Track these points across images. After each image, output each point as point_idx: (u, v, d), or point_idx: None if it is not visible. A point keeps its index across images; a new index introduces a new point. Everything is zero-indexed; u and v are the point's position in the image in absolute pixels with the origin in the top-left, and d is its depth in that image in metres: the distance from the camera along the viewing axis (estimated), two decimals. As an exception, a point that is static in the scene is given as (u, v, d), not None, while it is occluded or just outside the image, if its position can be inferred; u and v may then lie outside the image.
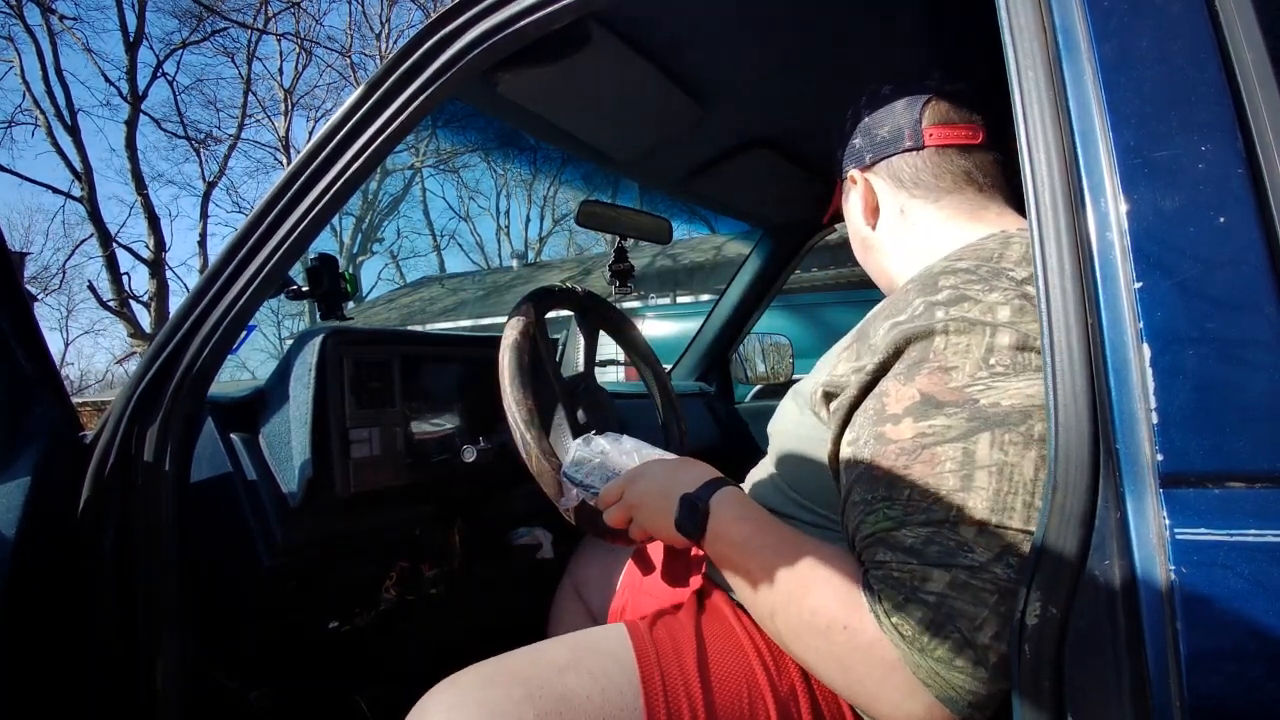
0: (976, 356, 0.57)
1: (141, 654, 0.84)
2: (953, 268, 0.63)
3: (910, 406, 0.58)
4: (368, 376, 1.08)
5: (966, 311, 0.59)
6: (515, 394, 0.95)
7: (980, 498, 0.53)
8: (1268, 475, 0.43)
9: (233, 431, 1.02)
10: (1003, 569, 0.52)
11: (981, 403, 0.55)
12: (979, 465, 0.54)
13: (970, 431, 0.55)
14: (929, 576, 0.53)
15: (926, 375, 0.58)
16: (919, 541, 0.54)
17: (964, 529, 0.53)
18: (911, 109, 0.79)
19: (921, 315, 0.60)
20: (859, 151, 0.82)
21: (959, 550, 0.53)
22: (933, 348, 0.59)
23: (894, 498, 0.56)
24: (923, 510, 0.55)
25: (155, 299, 13.63)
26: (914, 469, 0.56)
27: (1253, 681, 0.41)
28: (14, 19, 12.40)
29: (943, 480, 0.55)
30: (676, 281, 12.40)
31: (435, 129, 1.42)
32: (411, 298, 17.64)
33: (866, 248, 0.85)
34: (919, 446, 0.56)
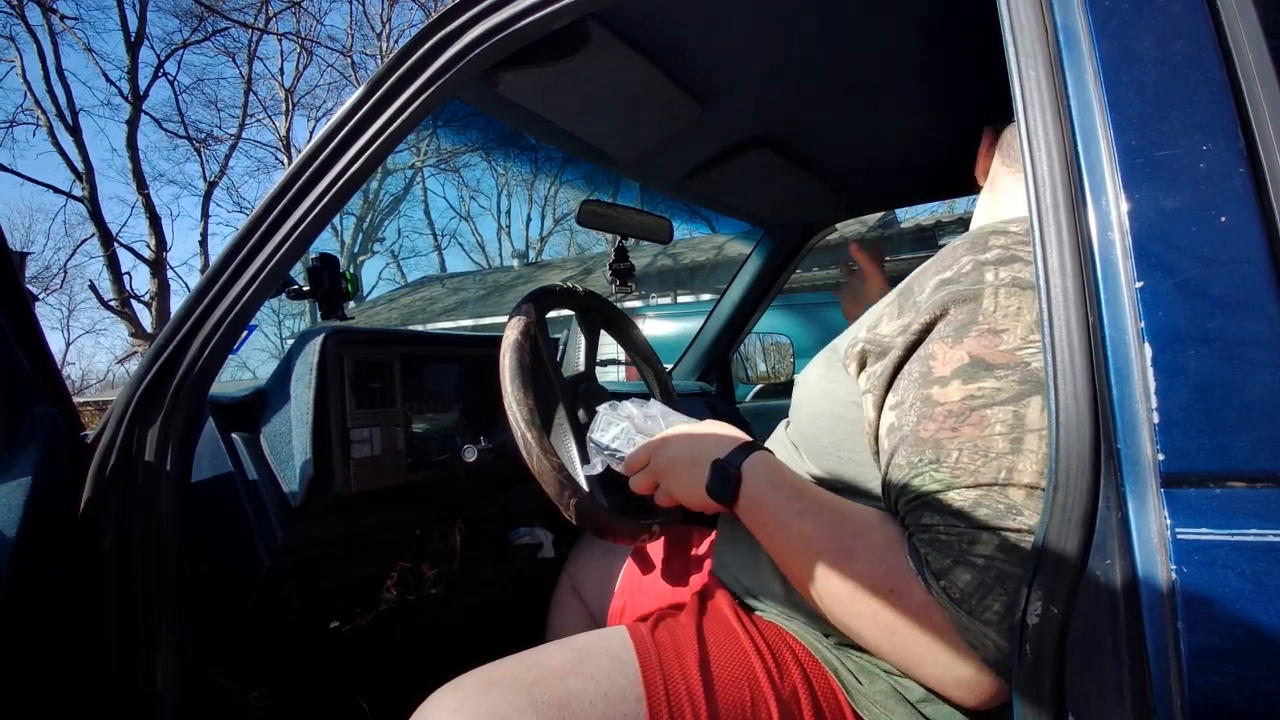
0: (1029, 320, 0.56)
1: (141, 654, 0.84)
2: (1004, 228, 0.62)
3: (959, 369, 0.57)
4: (368, 376, 1.08)
5: (1018, 273, 0.58)
6: (516, 394, 0.95)
7: (1030, 460, 0.53)
8: (1269, 475, 0.43)
9: (234, 431, 1.02)
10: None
11: (1033, 365, 0.55)
12: (1030, 428, 0.54)
13: (1021, 395, 0.54)
14: (977, 539, 0.53)
15: (976, 337, 0.57)
16: (968, 504, 0.54)
17: (1013, 491, 0.53)
18: None
19: (970, 274, 0.59)
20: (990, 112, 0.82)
21: (1008, 513, 0.52)
22: (982, 310, 0.58)
23: (941, 460, 0.56)
24: (971, 473, 0.54)
25: (156, 299, 13.64)
26: (963, 431, 0.56)
27: (1253, 681, 0.41)
28: (15, 19, 12.41)
29: (992, 443, 0.54)
30: (677, 281, 12.41)
31: (436, 128, 1.43)
32: (412, 297, 17.65)
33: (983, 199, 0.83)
34: (968, 409, 0.56)
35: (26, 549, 0.76)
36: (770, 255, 1.90)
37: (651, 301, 10.53)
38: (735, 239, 8.94)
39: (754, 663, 0.70)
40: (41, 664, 0.79)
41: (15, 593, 0.75)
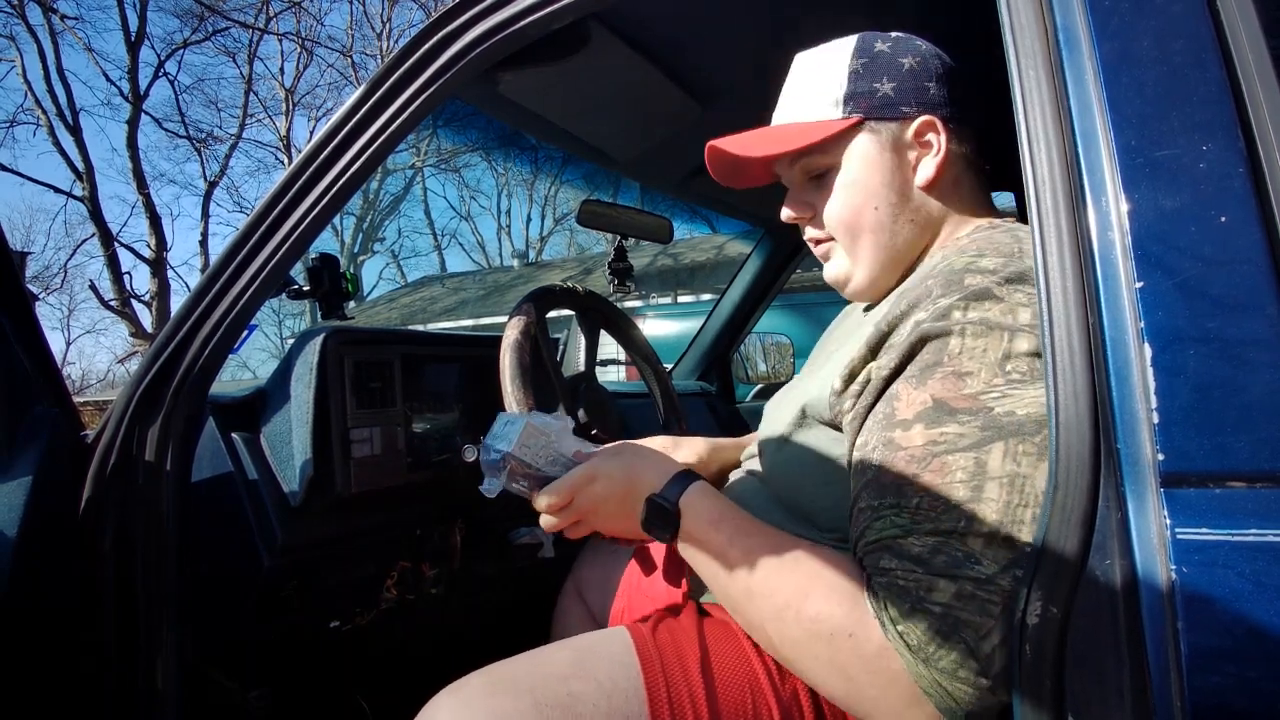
0: (993, 362, 0.55)
1: (142, 653, 0.84)
2: (976, 265, 0.60)
3: (922, 412, 0.57)
4: (369, 376, 1.08)
5: (987, 311, 0.57)
6: (515, 393, 0.95)
7: (990, 509, 0.52)
8: (1269, 475, 0.43)
9: (234, 431, 1.02)
10: (1010, 581, 0.51)
11: (996, 411, 0.54)
12: (990, 476, 0.53)
13: (983, 441, 0.54)
14: (935, 586, 0.52)
15: (940, 380, 0.57)
16: (926, 551, 0.53)
17: (972, 540, 0.52)
18: (968, 82, 0.74)
19: (941, 314, 0.58)
20: (937, 100, 0.71)
21: (966, 561, 0.52)
22: (948, 350, 0.57)
23: (902, 505, 0.55)
24: (931, 519, 0.54)
25: (157, 298, 13.64)
26: (924, 477, 0.55)
27: (1253, 681, 0.41)
28: (15, 18, 12.42)
29: (953, 490, 0.54)
30: (677, 281, 12.41)
31: (436, 128, 1.43)
32: (412, 297, 17.65)
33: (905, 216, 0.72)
34: (929, 455, 0.55)
35: (26, 549, 0.76)
36: (770, 255, 1.90)
37: (651, 301, 10.53)
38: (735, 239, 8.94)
39: (754, 664, 0.69)
40: (41, 664, 0.79)
41: (15, 593, 0.75)
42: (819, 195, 0.75)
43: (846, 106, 0.72)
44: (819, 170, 0.74)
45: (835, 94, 0.72)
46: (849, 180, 0.72)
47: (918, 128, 0.71)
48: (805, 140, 0.71)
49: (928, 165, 0.71)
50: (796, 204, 0.77)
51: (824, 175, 0.74)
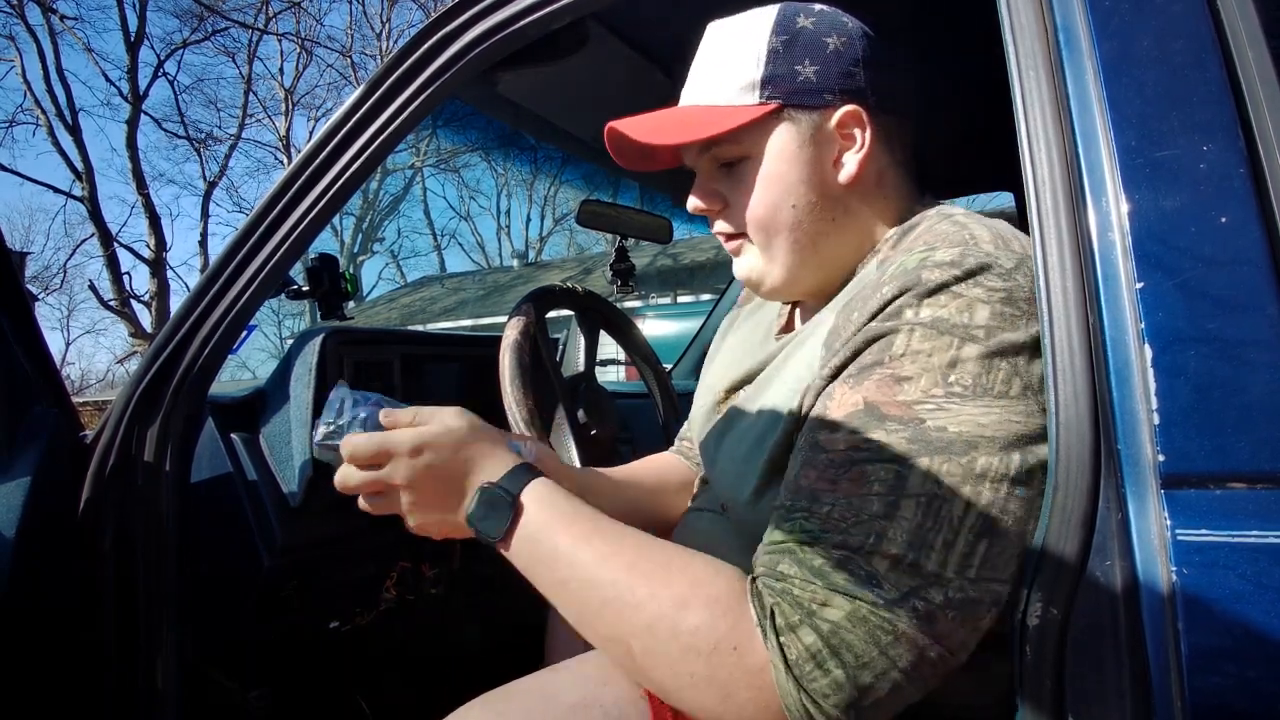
0: (935, 368, 0.51)
1: (141, 653, 0.84)
2: (931, 260, 0.55)
3: (852, 414, 0.53)
4: (368, 376, 1.08)
5: (941, 309, 0.53)
6: (515, 394, 0.95)
7: (901, 529, 0.49)
8: (1269, 476, 0.43)
9: (233, 431, 1.02)
10: (907, 612, 0.48)
11: (927, 424, 0.51)
12: (908, 493, 0.50)
13: (907, 454, 0.50)
14: (830, 602, 0.49)
15: (876, 382, 0.53)
16: (830, 563, 0.50)
17: (877, 560, 0.49)
18: (897, 65, 0.69)
19: (892, 312, 0.54)
20: (861, 86, 0.65)
21: (867, 582, 0.49)
22: (891, 350, 0.53)
23: (813, 510, 0.52)
24: (840, 530, 0.50)
25: (156, 298, 13.64)
26: (840, 484, 0.52)
27: (1254, 683, 0.41)
28: (15, 18, 12.42)
29: (867, 503, 0.50)
30: (677, 281, 12.41)
31: (436, 128, 1.43)
32: (412, 297, 17.65)
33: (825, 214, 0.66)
34: (849, 461, 0.52)
35: (26, 549, 0.76)
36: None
37: (651, 301, 10.53)
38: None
39: None
40: (41, 664, 0.79)
41: (15, 593, 0.75)
42: (730, 186, 0.69)
43: (763, 91, 0.65)
44: (730, 159, 0.68)
45: (751, 75, 0.65)
46: (764, 174, 0.66)
47: (841, 118, 0.64)
48: (715, 128, 0.64)
49: (851, 161, 0.65)
50: (706, 194, 0.70)
51: (735, 165, 0.68)
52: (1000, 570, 0.50)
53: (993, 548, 0.49)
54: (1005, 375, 0.51)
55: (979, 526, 0.49)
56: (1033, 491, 0.51)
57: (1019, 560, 0.50)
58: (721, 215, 0.71)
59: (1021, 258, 0.55)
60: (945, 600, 0.48)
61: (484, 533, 0.60)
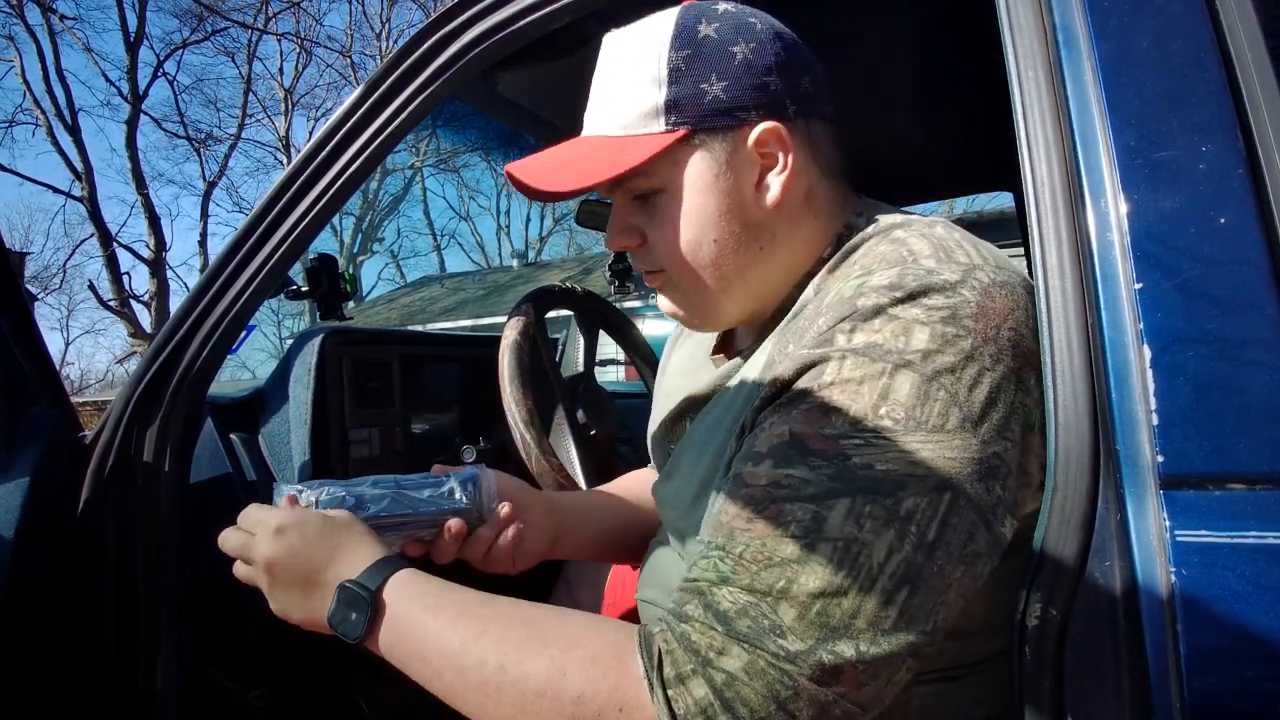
0: (866, 402, 0.48)
1: (141, 654, 0.84)
2: (867, 285, 0.51)
3: (775, 447, 0.50)
4: (368, 376, 1.08)
5: (875, 334, 0.49)
6: (515, 394, 0.95)
7: (814, 575, 0.46)
8: (1268, 477, 0.43)
9: (232, 431, 1.02)
10: (811, 666, 0.45)
11: (853, 461, 0.47)
12: (825, 536, 0.46)
13: (830, 494, 0.47)
14: (727, 651, 0.46)
15: (803, 413, 0.49)
16: (734, 609, 0.47)
17: (784, 608, 0.46)
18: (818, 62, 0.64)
19: (823, 339, 0.51)
20: (778, 98, 0.59)
21: (770, 632, 0.45)
22: (821, 379, 0.50)
23: (728, 549, 0.49)
24: (750, 573, 0.47)
25: (156, 298, 13.64)
26: (756, 523, 0.48)
27: (1253, 683, 0.41)
28: (14, 18, 12.42)
29: (781, 544, 0.47)
30: (677, 281, 12.37)
31: (435, 128, 1.42)
32: (412, 297, 17.64)
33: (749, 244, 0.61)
34: (769, 498, 0.49)
35: (26, 549, 0.76)
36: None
37: (651, 301, 10.51)
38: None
39: None
40: (41, 664, 0.79)
41: (15, 593, 0.75)
42: (647, 221, 0.63)
43: (669, 117, 0.58)
44: (643, 192, 0.62)
45: (653, 99, 0.59)
46: (682, 209, 0.60)
47: (759, 136, 0.59)
48: (617, 167, 0.58)
49: (774, 183, 0.59)
50: (621, 231, 0.65)
51: (650, 197, 0.62)
52: (921, 621, 0.46)
53: (914, 597, 0.46)
54: (943, 406, 0.47)
55: (900, 574, 0.46)
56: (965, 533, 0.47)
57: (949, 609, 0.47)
58: (640, 250, 0.65)
59: (968, 268, 0.51)
60: (856, 654, 0.45)
61: (344, 635, 0.56)
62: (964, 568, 0.47)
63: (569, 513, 0.81)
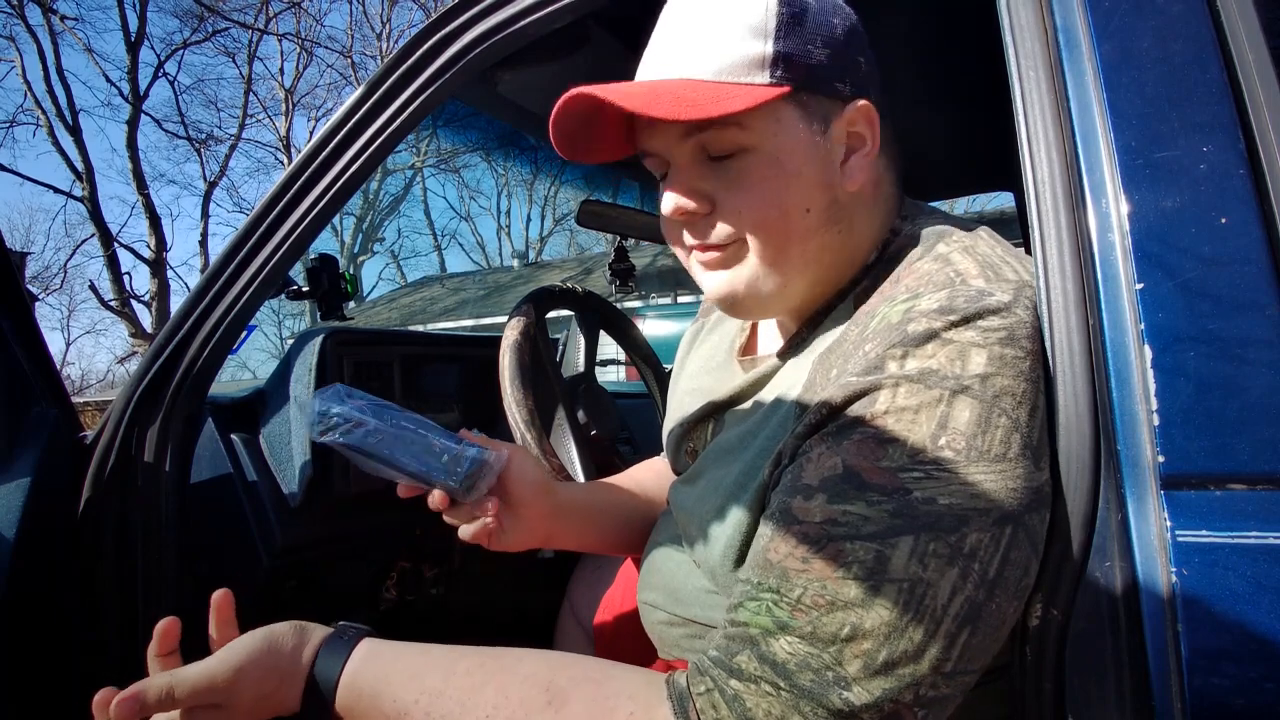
0: (925, 432, 0.45)
1: (141, 654, 0.84)
2: (916, 309, 0.49)
3: (828, 480, 0.47)
4: (368, 377, 1.08)
5: (929, 359, 0.46)
6: (515, 394, 0.95)
7: (879, 618, 0.43)
8: (1269, 477, 0.43)
9: (233, 432, 1.02)
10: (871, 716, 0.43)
11: (914, 495, 0.44)
12: (890, 577, 0.44)
13: (892, 531, 0.44)
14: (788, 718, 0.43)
15: (857, 444, 0.47)
16: (794, 661, 0.44)
17: (849, 659, 0.43)
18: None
19: (873, 365, 0.48)
20: (865, 77, 0.57)
21: (835, 684, 0.43)
22: (874, 408, 0.47)
23: (783, 593, 0.46)
24: (810, 619, 0.45)
25: (156, 299, 13.64)
26: (814, 563, 0.45)
27: (1254, 683, 0.41)
28: (15, 19, 12.42)
29: (844, 587, 0.44)
30: (677, 281, 12.40)
31: (436, 129, 1.42)
32: (412, 298, 17.65)
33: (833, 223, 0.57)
34: (825, 536, 0.46)
35: (26, 549, 0.76)
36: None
37: (651, 301, 10.53)
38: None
39: None
40: (42, 664, 0.79)
41: (15, 593, 0.75)
42: (723, 184, 0.56)
43: (775, 70, 0.53)
44: (725, 151, 0.55)
45: (760, 49, 0.53)
46: (775, 170, 0.54)
47: (851, 114, 0.56)
48: (722, 108, 0.51)
49: (857, 165, 0.57)
50: (691, 194, 0.57)
51: (730, 158, 0.55)
52: (978, 659, 0.45)
53: (975, 636, 0.44)
54: (1004, 433, 0.45)
55: (964, 614, 0.44)
56: (1022, 567, 0.46)
57: (999, 644, 0.46)
58: (708, 219, 0.57)
59: (1018, 285, 0.50)
60: (915, 698, 0.43)
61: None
62: (1017, 603, 0.46)
63: (573, 510, 0.77)
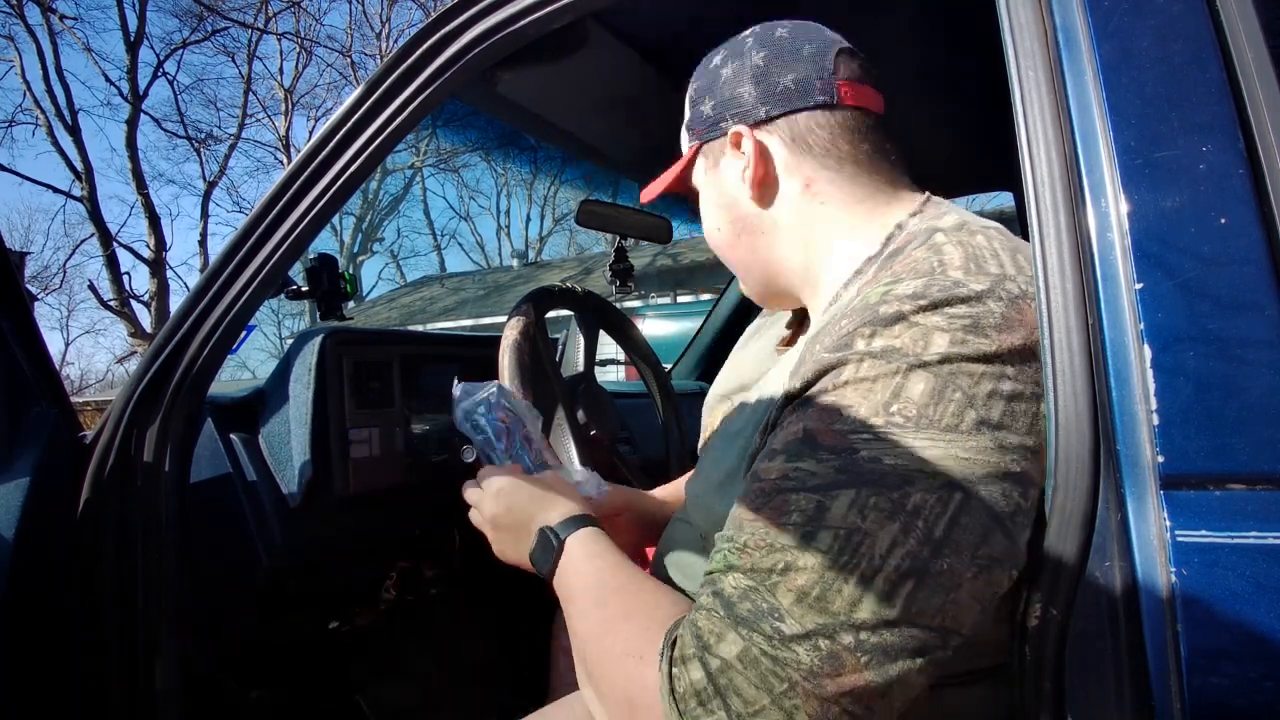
0: (877, 401, 0.49)
1: (141, 654, 0.84)
2: (891, 293, 0.52)
3: (789, 443, 0.51)
4: (368, 376, 1.08)
5: (894, 339, 0.50)
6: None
7: (814, 561, 0.46)
8: (1269, 477, 0.43)
9: (232, 432, 1.02)
10: (807, 652, 0.45)
11: (860, 454, 0.48)
12: (827, 524, 0.47)
13: (834, 484, 0.48)
14: (724, 636, 0.47)
15: (817, 411, 0.51)
16: (737, 593, 0.48)
17: (784, 593, 0.47)
18: (823, 56, 0.65)
19: (842, 343, 0.52)
20: (749, 103, 0.66)
21: (768, 615, 0.46)
22: (837, 380, 0.51)
23: (735, 539, 0.51)
24: (753, 558, 0.49)
25: (156, 298, 13.63)
26: (763, 512, 0.50)
27: (1253, 684, 0.41)
28: (14, 18, 12.41)
29: (784, 531, 0.48)
30: (677, 281, 12.41)
31: (435, 128, 1.42)
32: (412, 297, 17.65)
33: (747, 231, 0.69)
34: (776, 489, 0.50)
35: (26, 549, 0.76)
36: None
37: (651, 301, 10.53)
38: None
39: None
40: (41, 664, 0.79)
41: (15, 593, 0.75)
42: None
43: (690, 135, 0.73)
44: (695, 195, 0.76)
45: (685, 123, 0.74)
46: (701, 204, 0.74)
47: (730, 140, 0.67)
48: (668, 180, 0.75)
49: (746, 177, 0.66)
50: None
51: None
52: (928, 619, 0.46)
53: (921, 591, 0.45)
54: (957, 407, 0.47)
55: (905, 568, 0.45)
56: (977, 535, 0.46)
57: (960, 610, 0.47)
58: None
59: (997, 279, 0.52)
60: (855, 643, 0.45)
61: (538, 570, 0.68)
62: (977, 571, 0.47)
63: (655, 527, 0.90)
